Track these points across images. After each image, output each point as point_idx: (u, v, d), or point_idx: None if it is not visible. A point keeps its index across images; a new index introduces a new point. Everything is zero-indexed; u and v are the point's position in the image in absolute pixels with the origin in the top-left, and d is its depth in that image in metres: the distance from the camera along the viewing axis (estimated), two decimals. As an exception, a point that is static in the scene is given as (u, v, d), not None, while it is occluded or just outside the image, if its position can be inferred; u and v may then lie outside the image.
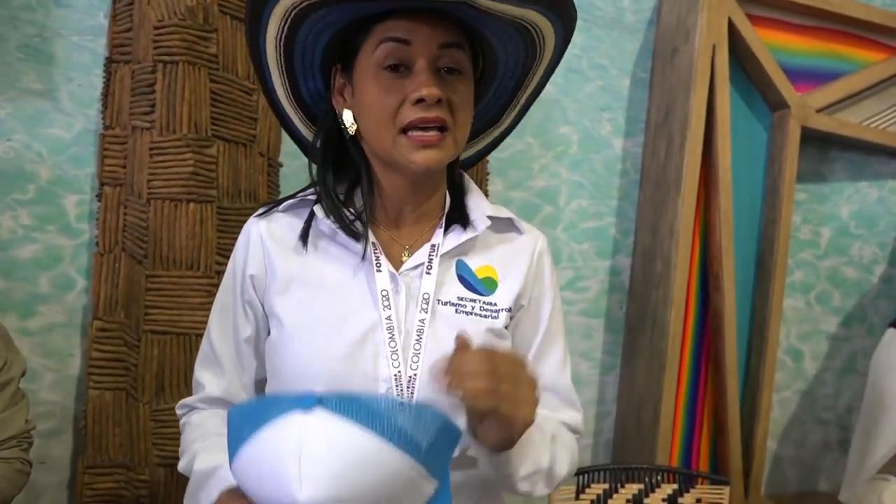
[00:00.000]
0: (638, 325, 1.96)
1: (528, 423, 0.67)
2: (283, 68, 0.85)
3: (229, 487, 0.70)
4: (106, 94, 1.47)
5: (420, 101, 0.73)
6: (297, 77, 0.86)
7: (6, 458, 1.13)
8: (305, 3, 0.75)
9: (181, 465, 0.83)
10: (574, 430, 0.89)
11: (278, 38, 0.81)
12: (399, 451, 0.56)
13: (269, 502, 0.58)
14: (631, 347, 1.99)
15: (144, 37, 1.40)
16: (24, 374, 1.19)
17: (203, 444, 0.81)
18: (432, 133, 0.75)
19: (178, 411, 0.91)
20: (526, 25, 0.78)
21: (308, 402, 0.56)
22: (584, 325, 1.99)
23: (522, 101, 0.90)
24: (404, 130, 0.75)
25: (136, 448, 1.41)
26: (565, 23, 0.80)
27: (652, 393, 1.88)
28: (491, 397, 0.63)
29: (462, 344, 0.67)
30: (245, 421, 0.60)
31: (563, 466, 0.81)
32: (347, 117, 0.81)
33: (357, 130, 0.81)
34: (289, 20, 0.78)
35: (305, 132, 0.91)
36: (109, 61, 1.47)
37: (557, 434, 0.83)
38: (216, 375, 0.87)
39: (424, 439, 0.57)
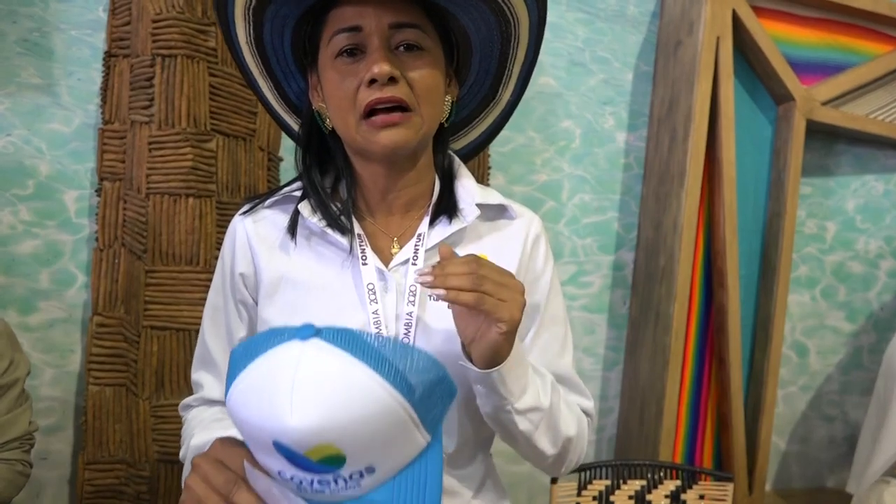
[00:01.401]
0: (641, 320, 1.95)
1: (516, 321, 0.67)
2: (264, 71, 0.84)
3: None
4: (105, 89, 1.46)
5: (373, 81, 0.71)
6: (278, 79, 0.86)
7: (7, 459, 1.13)
8: (255, 1, 0.75)
9: (181, 454, 0.83)
10: (584, 412, 0.85)
11: (249, 42, 0.81)
12: (391, 388, 0.55)
13: (261, 428, 0.57)
14: (634, 343, 1.98)
15: (143, 30, 1.39)
16: (28, 373, 1.19)
17: (200, 427, 0.82)
18: (395, 114, 0.73)
19: (181, 412, 0.90)
20: None
21: (306, 332, 0.57)
22: (587, 320, 1.98)
23: (515, 72, 0.85)
24: (367, 116, 0.73)
25: (137, 444, 1.41)
26: None
27: (655, 389, 1.86)
28: (474, 294, 0.64)
29: (447, 253, 0.67)
30: (245, 353, 0.60)
31: (570, 426, 0.78)
32: (322, 113, 0.80)
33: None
34: (251, 22, 0.78)
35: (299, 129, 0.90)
36: (108, 55, 1.46)
37: (560, 391, 0.79)
38: (214, 377, 0.86)
39: (419, 384, 0.56)
